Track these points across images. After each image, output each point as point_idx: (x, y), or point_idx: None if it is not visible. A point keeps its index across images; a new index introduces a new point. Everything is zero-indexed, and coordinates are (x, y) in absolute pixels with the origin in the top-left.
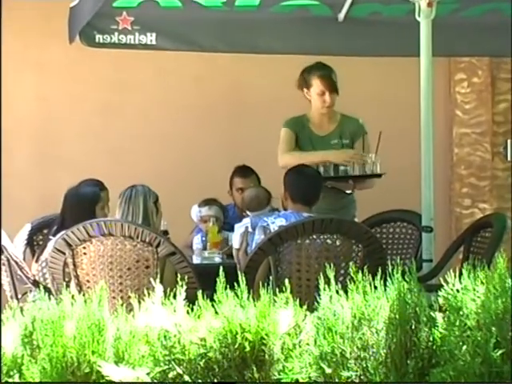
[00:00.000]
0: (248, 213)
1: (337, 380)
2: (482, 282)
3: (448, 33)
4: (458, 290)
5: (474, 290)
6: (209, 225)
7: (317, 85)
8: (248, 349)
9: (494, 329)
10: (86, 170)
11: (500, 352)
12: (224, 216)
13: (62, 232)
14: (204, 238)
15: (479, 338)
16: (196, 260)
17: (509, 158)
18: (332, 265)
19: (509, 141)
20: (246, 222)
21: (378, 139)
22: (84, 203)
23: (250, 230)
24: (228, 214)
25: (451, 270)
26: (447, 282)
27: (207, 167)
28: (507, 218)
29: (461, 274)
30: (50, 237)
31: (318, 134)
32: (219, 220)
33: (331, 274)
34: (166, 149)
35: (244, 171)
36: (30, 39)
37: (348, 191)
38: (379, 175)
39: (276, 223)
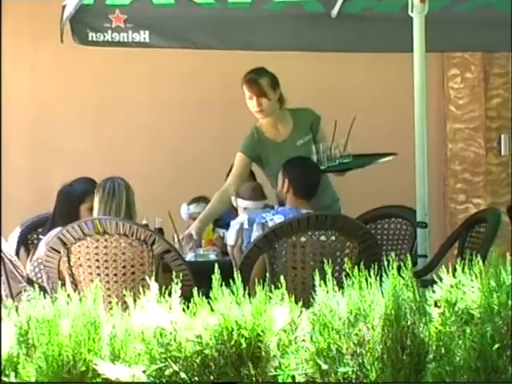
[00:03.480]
0: (241, 203)
1: (333, 376)
2: (476, 277)
3: (441, 28)
4: (452, 286)
5: (469, 284)
6: None
7: (246, 90)
8: (244, 345)
9: (489, 323)
10: (79, 167)
11: (496, 346)
12: None
13: (53, 232)
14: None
15: (475, 333)
16: (191, 257)
17: (502, 153)
18: (327, 261)
19: (502, 136)
20: (243, 218)
21: (351, 125)
22: (72, 202)
23: (246, 226)
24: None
25: (446, 265)
26: (442, 278)
27: (201, 164)
28: (501, 213)
29: (455, 269)
30: (41, 236)
31: (278, 141)
32: None
33: (327, 271)
34: (160, 146)
35: None
36: (22, 37)
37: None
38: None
39: (275, 220)
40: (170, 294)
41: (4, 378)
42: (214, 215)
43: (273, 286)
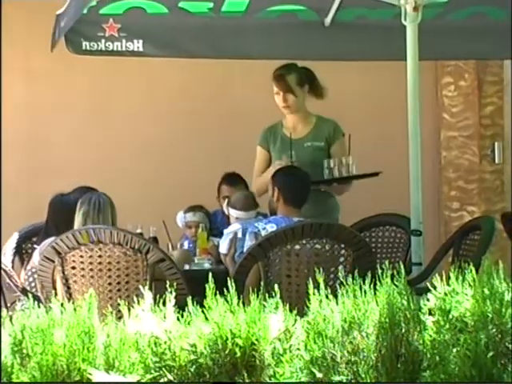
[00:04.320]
0: (233, 212)
1: None
2: (470, 285)
3: (434, 36)
4: (446, 294)
5: (463, 292)
6: (198, 231)
7: (274, 85)
8: (238, 354)
9: (483, 331)
10: (75, 177)
11: (490, 354)
12: (210, 222)
13: (47, 241)
14: (192, 245)
15: (469, 341)
16: (185, 266)
17: (496, 161)
18: (321, 269)
19: (496, 143)
20: (236, 227)
21: (349, 142)
22: (65, 211)
23: (239, 235)
24: (216, 220)
25: (440, 273)
26: (436, 286)
27: (195, 173)
28: (495, 221)
29: (449, 277)
30: (35, 246)
31: (292, 138)
32: (205, 226)
33: (321, 279)
34: (154, 155)
35: (232, 179)
36: (17, 47)
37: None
38: (376, 174)
39: (267, 229)
40: (164, 303)
41: None
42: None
43: (267, 295)
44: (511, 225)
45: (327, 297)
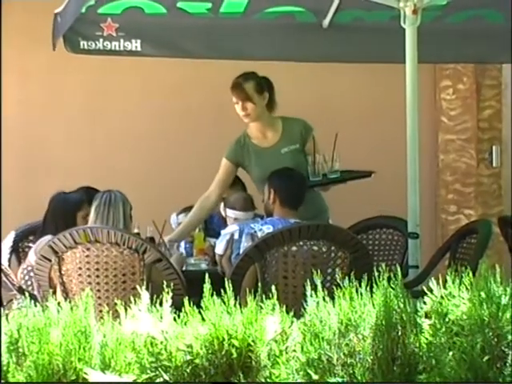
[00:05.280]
0: (232, 213)
1: None
2: (467, 288)
3: (433, 39)
4: (443, 297)
5: (460, 296)
6: (195, 232)
7: (232, 95)
8: (235, 355)
9: (479, 335)
10: (70, 176)
11: (486, 358)
12: (206, 223)
13: (43, 239)
14: (188, 245)
15: (465, 345)
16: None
17: (494, 164)
18: (318, 271)
19: (494, 147)
20: (233, 229)
21: (334, 142)
22: (68, 209)
23: (236, 237)
24: (212, 221)
25: (437, 276)
26: (432, 289)
27: (189, 173)
28: (492, 225)
29: (446, 280)
30: (31, 245)
31: (263, 147)
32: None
33: (318, 281)
34: (149, 154)
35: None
36: (13, 45)
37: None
38: (369, 174)
39: (263, 230)
40: (161, 303)
41: None
42: (193, 223)
43: (264, 296)
44: (508, 228)
45: (324, 299)
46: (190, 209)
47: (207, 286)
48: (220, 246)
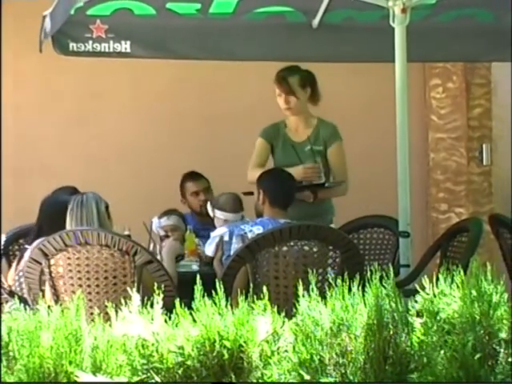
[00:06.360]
0: (221, 215)
1: None
2: (458, 287)
3: (422, 38)
4: (434, 295)
5: (451, 294)
6: (174, 234)
7: (276, 87)
8: (226, 356)
9: (470, 333)
10: (61, 178)
11: (477, 356)
12: (185, 224)
13: (38, 241)
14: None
15: (456, 343)
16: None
17: (484, 163)
18: (310, 271)
19: (484, 145)
20: (223, 231)
21: None
22: (61, 211)
23: (226, 239)
24: (187, 222)
25: (428, 275)
26: (424, 287)
27: (180, 175)
28: (483, 223)
29: (437, 278)
30: (26, 246)
31: (294, 140)
32: (179, 229)
33: (311, 280)
34: (140, 156)
35: (194, 175)
36: (4, 48)
37: (309, 200)
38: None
39: (254, 231)
40: (152, 305)
41: None
42: None
43: (255, 297)
44: (499, 226)
45: (315, 298)
46: (169, 211)
47: (198, 288)
48: (210, 248)
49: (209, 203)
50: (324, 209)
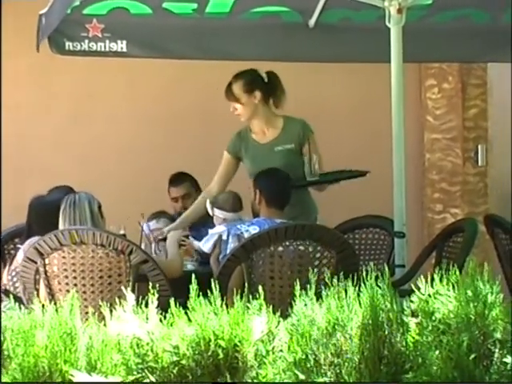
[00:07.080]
0: (221, 214)
1: None
2: (453, 287)
3: (418, 39)
4: (430, 295)
5: (446, 294)
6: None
7: None
8: (221, 356)
9: (466, 333)
10: (57, 178)
11: (472, 356)
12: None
13: (31, 240)
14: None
15: (451, 343)
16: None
17: (479, 163)
18: (305, 271)
19: (479, 146)
20: (221, 229)
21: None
22: (51, 211)
23: (224, 237)
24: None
25: (423, 275)
26: (419, 288)
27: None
28: (478, 223)
29: (433, 278)
30: (19, 246)
31: (261, 143)
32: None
33: (308, 281)
34: (137, 156)
35: (176, 180)
36: (4, 48)
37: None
38: (364, 173)
39: (250, 231)
40: (146, 305)
41: None
42: (192, 216)
43: (250, 296)
44: (494, 227)
45: (311, 298)
46: (159, 213)
47: (194, 287)
48: (207, 245)
49: (208, 202)
50: (306, 208)
